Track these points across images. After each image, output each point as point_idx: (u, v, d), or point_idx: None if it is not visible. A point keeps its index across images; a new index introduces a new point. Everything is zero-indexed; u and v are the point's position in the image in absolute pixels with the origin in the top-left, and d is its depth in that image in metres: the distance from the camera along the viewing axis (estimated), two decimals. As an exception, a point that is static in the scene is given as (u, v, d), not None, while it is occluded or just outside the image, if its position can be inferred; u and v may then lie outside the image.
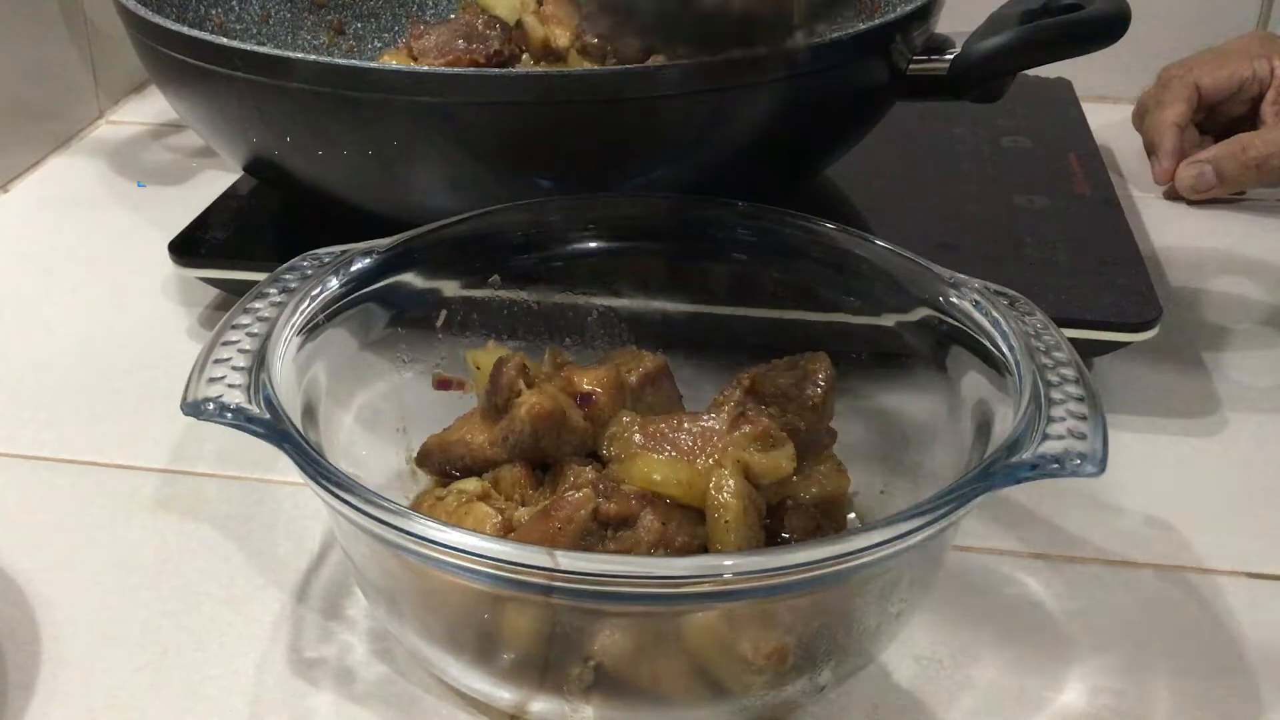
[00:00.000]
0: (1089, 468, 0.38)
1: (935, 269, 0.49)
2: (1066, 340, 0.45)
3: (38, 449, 0.57)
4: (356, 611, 0.47)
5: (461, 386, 0.52)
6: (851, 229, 0.52)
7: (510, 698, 0.41)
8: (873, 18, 0.76)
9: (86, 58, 0.90)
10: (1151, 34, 0.82)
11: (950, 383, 0.47)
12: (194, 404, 0.41)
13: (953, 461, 0.45)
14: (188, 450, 0.56)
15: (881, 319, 0.50)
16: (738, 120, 0.59)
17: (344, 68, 0.57)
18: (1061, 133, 0.81)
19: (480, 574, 0.36)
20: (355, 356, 0.49)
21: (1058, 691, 0.44)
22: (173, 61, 0.60)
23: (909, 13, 0.62)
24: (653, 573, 0.35)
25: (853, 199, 0.72)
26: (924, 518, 0.36)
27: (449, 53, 0.68)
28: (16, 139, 0.84)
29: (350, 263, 0.49)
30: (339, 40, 0.83)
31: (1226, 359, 0.64)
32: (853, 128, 0.66)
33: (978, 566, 0.50)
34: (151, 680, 0.44)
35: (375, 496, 0.37)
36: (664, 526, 0.41)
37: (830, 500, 0.47)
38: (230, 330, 0.44)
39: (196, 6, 0.75)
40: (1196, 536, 0.52)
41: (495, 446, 0.46)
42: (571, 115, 0.56)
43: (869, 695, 0.44)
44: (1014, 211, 0.70)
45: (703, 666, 0.39)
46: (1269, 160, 0.78)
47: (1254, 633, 0.47)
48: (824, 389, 0.46)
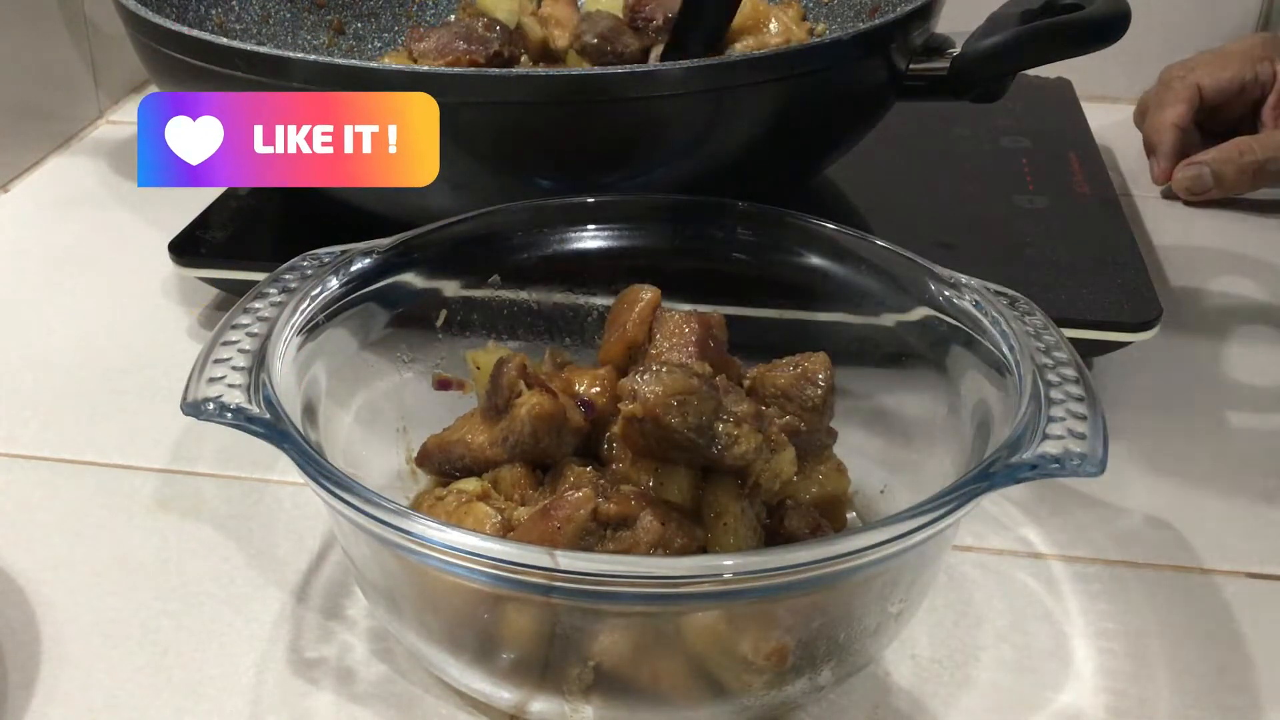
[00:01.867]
0: (1089, 468, 0.38)
1: (935, 269, 0.49)
2: (1066, 340, 0.45)
3: (38, 449, 0.57)
4: (356, 611, 0.47)
5: (461, 386, 0.52)
6: (851, 229, 0.52)
7: (510, 698, 0.41)
8: (872, 18, 0.76)
9: (86, 58, 0.90)
10: (1151, 34, 0.82)
11: (950, 383, 0.47)
12: (194, 404, 0.41)
13: (953, 461, 0.45)
14: (188, 450, 0.56)
15: (881, 319, 0.50)
16: (738, 120, 0.59)
17: (344, 68, 0.57)
18: (1061, 133, 0.81)
19: (480, 574, 0.36)
20: (355, 356, 0.49)
21: (1058, 691, 0.44)
22: (173, 61, 0.60)
23: (909, 13, 0.62)
24: (653, 573, 0.35)
25: (853, 199, 0.72)
26: (924, 518, 0.36)
27: (448, 54, 0.68)
28: (16, 139, 0.84)
29: (350, 263, 0.49)
30: (339, 40, 0.83)
31: (1226, 359, 0.64)
32: (853, 128, 0.66)
33: (978, 566, 0.50)
34: (151, 680, 0.44)
35: (375, 496, 0.37)
36: (663, 527, 0.40)
37: (830, 500, 0.47)
38: (230, 330, 0.44)
39: (196, 6, 0.75)
40: (1196, 536, 0.52)
41: (495, 447, 0.46)
42: (571, 115, 0.56)
43: (869, 695, 0.44)
44: (1014, 211, 0.70)
45: (703, 666, 0.39)
46: (1267, 164, 0.78)
47: (1254, 633, 0.47)
48: (824, 389, 0.46)
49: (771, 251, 0.53)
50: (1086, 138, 0.80)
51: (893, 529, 0.36)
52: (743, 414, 0.42)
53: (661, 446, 0.41)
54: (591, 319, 0.53)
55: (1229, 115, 0.83)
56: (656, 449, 0.42)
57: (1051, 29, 0.61)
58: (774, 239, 0.53)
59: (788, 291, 0.53)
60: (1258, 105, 0.81)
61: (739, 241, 0.53)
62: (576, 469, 0.44)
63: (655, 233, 0.54)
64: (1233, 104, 0.82)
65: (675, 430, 0.40)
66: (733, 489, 0.42)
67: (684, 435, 0.41)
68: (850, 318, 0.51)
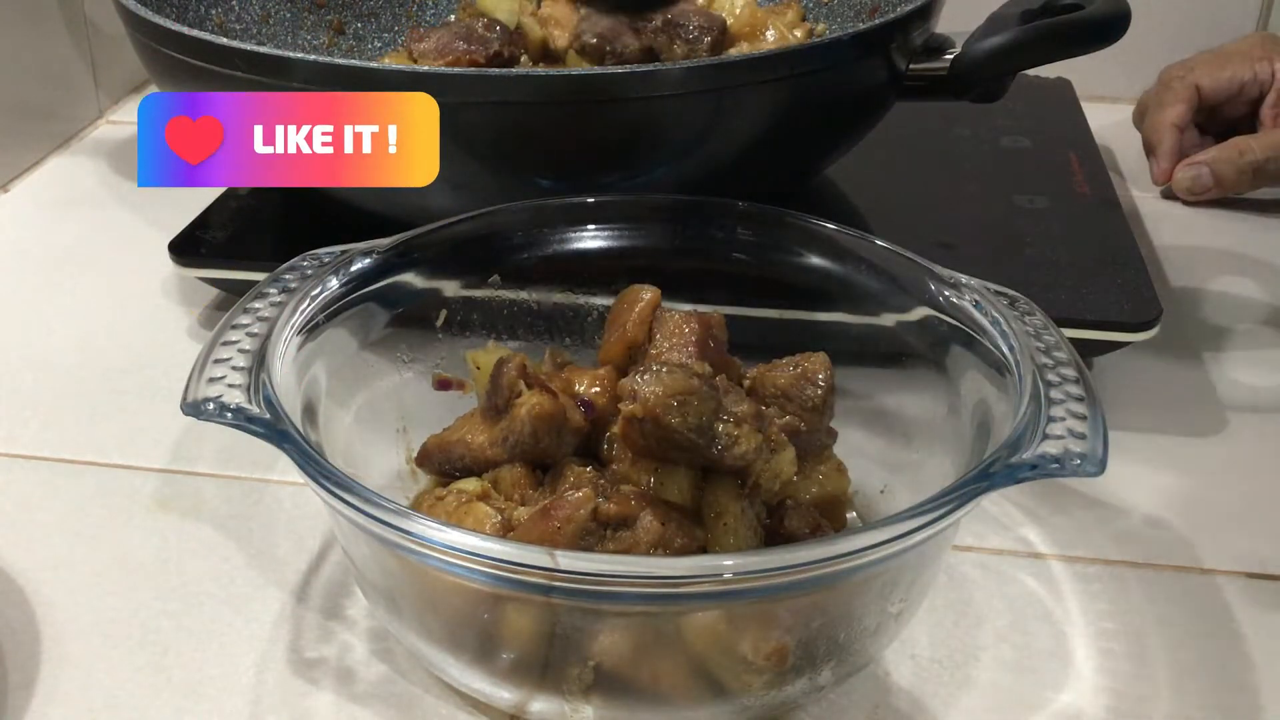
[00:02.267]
0: (1089, 468, 0.38)
1: (935, 269, 0.49)
2: (1066, 340, 0.45)
3: (38, 449, 0.57)
4: (356, 611, 0.47)
5: (461, 386, 0.52)
6: (851, 229, 0.52)
7: (510, 698, 0.41)
8: (872, 18, 0.76)
9: (86, 58, 0.90)
10: (1151, 34, 0.82)
11: (950, 383, 0.47)
12: (194, 404, 0.41)
13: (953, 461, 0.45)
14: (188, 450, 0.56)
15: (881, 319, 0.50)
16: (738, 120, 0.59)
17: (344, 68, 0.57)
18: (1061, 133, 0.81)
19: (480, 574, 0.36)
20: (355, 356, 0.49)
21: (1058, 691, 0.44)
22: (173, 61, 0.60)
23: (909, 13, 0.62)
24: (653, 573, 0.35)
25: (853, 199, 0.72)
26: (924, 518, 0.36)
27: (448, 54, 0.68)
28: (16, 139, 0.84)
29: (350, 263, 0.49)
30: (339, 40, 0.83)
31: (1226, 359, 0.64)
32: (853, 128, 0.66)
33: (978, 566, 0.50)
34: (151, 680, 0.44)
35: (375, 496, 0.37)
36: (663, 527, 0.40)
37: (830, 500, 0.47)
38: (230, 330, 0.44)
39: (196, 6, 0.75)
40: (1196, 536, 0.52)
41: (495, 447, 0.46)
42: (571, 115, 0.56)
43: (869, 695, 0.44)
44: (1014, 211, 0.70)
45: (703, 666, 0.39)
46: (1266, 164, 0.78)
47: (1254, 633, 0.47)
48: (824, 389, 0.46)
49: (771, 251, 0.53)
50: (1086, 138, 0.80)
51: (893, 529, 0.36)
52: (743, 414, 0.42)
53: (661, 446, 0.41)
54: (591, 319, 0.53)
55: (1228, 115, 0.83)
56: (656, 449, 0.42)
57: (1051, 29, 0.61)
58: (774, 239, 0.53)
59: (788, 291, 0.53)
60: (1257, 105, 0.81)
61: (739, 241, 0.53)
62: (576, 469, 0.44)
63: (655, 233, 0.54)
64: (1232, 104, 0.82)
65: (675, 430, 0.40)
66: (733, 489, 0.42)
67: (684, 435, 0.41)
68: (850, 318, 0.51)
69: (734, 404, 0.42)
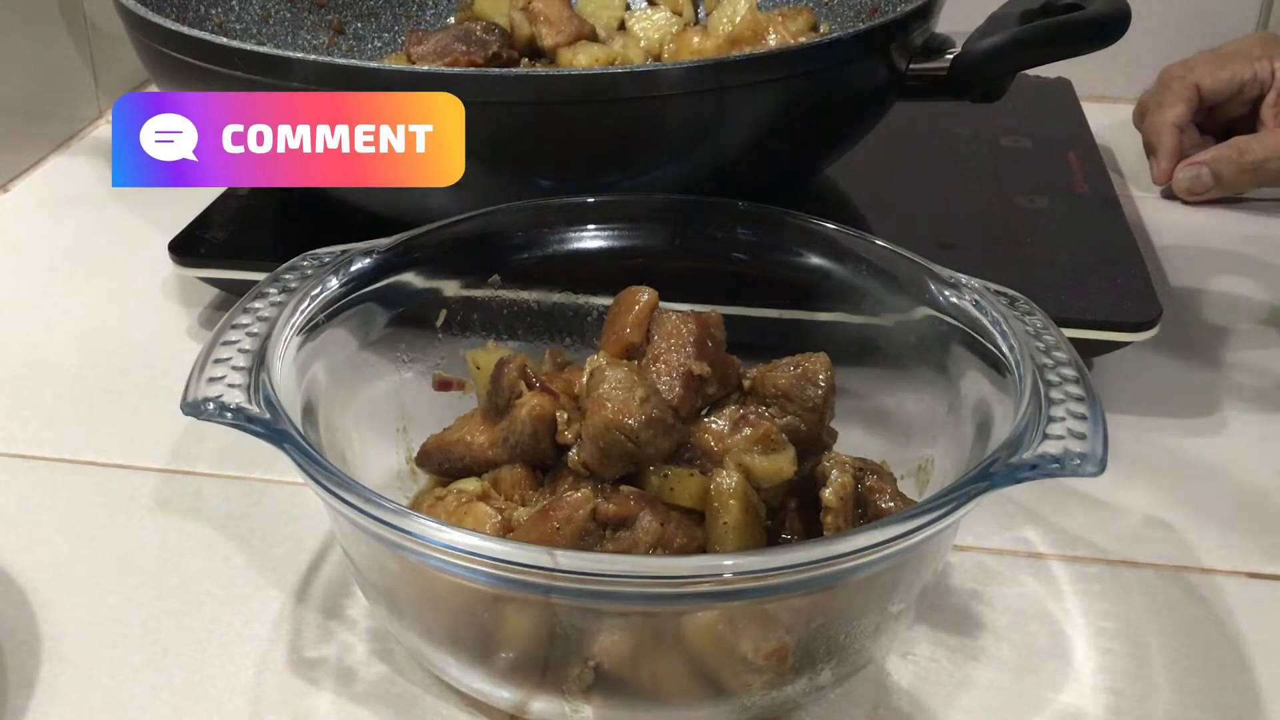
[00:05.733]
0: (1089, 468, 0.38)
1: (935, 269, 0.49)
2: (1066, 340, 0.45)
3: (38, 449, 0.57)
4: (356, 611, 0.47)
5: (461, 387, 0.52)
6: (851, 229, 0.52)
7: (510, 698, 0.41)
8: (872, 18, 0.76)
9: (86, 58, 0.90)
10: (1151, 34, 0.83)
11: (950, 383, 0.47)
12: (194, 404, 0.41)
13: (953, 461, 0.45)
14: (188, 450, 0.56)
15: (881, 319, 0.50)
16: (738, 120, 0.59)
17: (344, 68, 0.57)
18: (1061, 133, 0.81)
19: (480, 574, 0.36)
20: (355, 356, 0.49)
21: (1058, 691, 0.44)
22: (173, 61, 0.60)
23: (909, 13, 0.62)
24: (653, 573, 0.35)
25: (853, 199, 0.72)
26: (924, 518, 0.36)
27: (447, 55, 0.68)
28: (16, 139, 0.84)
29: (350, 263, 0.49)
30: (339, 40, 0.83)
31: (1226, 359, 0.64)
32: (853, 128, 0.66)
33: (978, 566, 0.50)
34: (151, 680, 0.44)
35: (375, 496, 0.37)
36: (663, 527, 0.41)
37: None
38: (230, 330, 0.44)
39: (196, 6, 0.75)
40: (1196, 536, 0.52)
41: (495, 447, 0.46)
42: (571, 115, 0.56)
43: (869, 695, 0.44)
44: (1014, 211, 0.70)
45: (703, 666, 0.39)
46: (1266, 164, 0.78)
47: (1254, 633, 0.47)
48: (824, 389, 0.46)
49: (771, 251, 0.53)
50: (1086, 138, 0.80)
51: (893, 529, 0.36)
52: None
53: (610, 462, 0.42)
54: (591, 319, 0.53)
55: (1228, 115, 0.83)
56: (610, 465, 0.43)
57: (1051, 29, 0.61)
58: (774, 239, 0.53)
59: (788, 291, 0.53)
60: (1257, 105, 0.81)
61: (739, 241, 0.53)
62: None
63: (655, 233, 0.54)
64: (1231, 103, 0.82)
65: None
66: (733, 489, 0.42)
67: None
68: (850, 318, 0.51)
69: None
